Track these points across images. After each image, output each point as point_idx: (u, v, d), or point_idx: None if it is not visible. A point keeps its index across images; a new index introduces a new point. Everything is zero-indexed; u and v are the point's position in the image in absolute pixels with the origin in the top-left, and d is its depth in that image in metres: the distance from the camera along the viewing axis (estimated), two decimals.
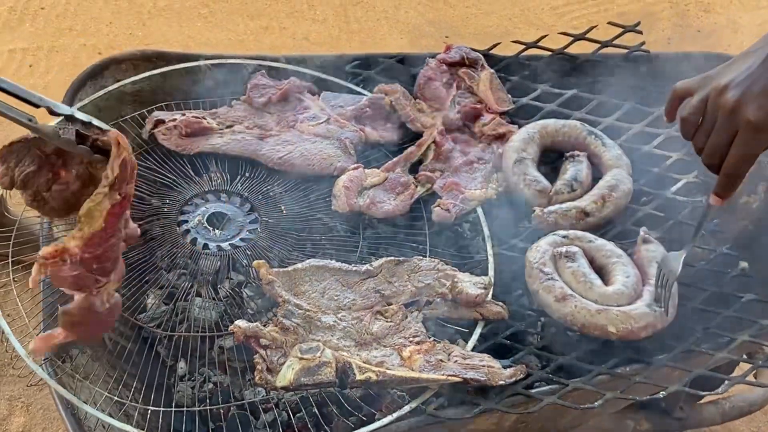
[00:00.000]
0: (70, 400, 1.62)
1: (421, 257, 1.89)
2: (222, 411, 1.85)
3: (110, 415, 1.62)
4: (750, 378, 1.88)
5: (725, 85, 1.43)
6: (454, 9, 4.35)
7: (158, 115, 2.12)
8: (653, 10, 4.28)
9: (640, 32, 2.37)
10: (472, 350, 1.77)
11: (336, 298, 1.80)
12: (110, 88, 2.17)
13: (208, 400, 1.78)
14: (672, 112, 1.57)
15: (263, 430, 1.82)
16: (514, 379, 1.69)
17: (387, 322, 1.77)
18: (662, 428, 2.34)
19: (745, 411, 2.42)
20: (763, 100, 1.38)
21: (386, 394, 1.79)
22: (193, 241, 1.91)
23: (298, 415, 1.78)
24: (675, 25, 4.17)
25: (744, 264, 1.97)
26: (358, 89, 2.28)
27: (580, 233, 1.92)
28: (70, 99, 2.12)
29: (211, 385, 1.89)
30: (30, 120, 1.47)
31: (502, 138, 2.15)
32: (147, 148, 2.09)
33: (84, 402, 1.62)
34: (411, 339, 1.74)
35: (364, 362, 1.66)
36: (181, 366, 1.87)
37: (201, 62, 2.25)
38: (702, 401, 2.45)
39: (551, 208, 1.98)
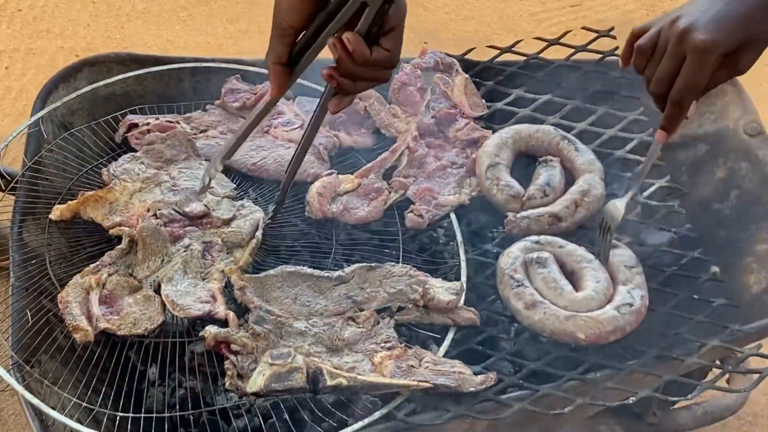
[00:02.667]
0: (38, 406, 1.61)
1: (394, 263, 1.88)
2: (193, 417, 1.85)
3: (79, 421, 1.61)
4: (723, 383, 1.89)
5: (678, 16, 1.49)
6: (433, 14, 4.36)
7: (132, 118, 2.11)
8: (631, 17, 4.30)
9: (614, 37, 2.38)
10: (444, 356, 1.77)
11: (308, 304, 1.80)
12: (83, 90, 2.15)
13: (178, 406, 1.77)
14: (628, 54, 1.61)
15: None
16: (484, 385, 1.69)
17: (358, 327, 1.77)
18: None
19: (717, 416, 2.42)
20: (711, 26, 1.44)
21: (358, 399, 1.78)
22: None
23: (269, 421, 1.77)
24: None
25: (715, 268, 1.98)
26: None
27: (551, 238, 1.93)
28: (43, 101, 2.11)
29: (182, 391, 1.88)
30: None
31: (476, 143, 2.15)
32: (120, 151, 2.08)
33: (52, 408, 1.61)
34: (382, 345, 1.74)
35: (336, 368, 1.66)
36: (153, 371, 1.86)
37: (175, 65, 2.24)
38: (675, 407, 2.46)
39: (524, 213, 1.98)
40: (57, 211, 1.89)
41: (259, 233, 1.90)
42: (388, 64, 1.40)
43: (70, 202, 1.90)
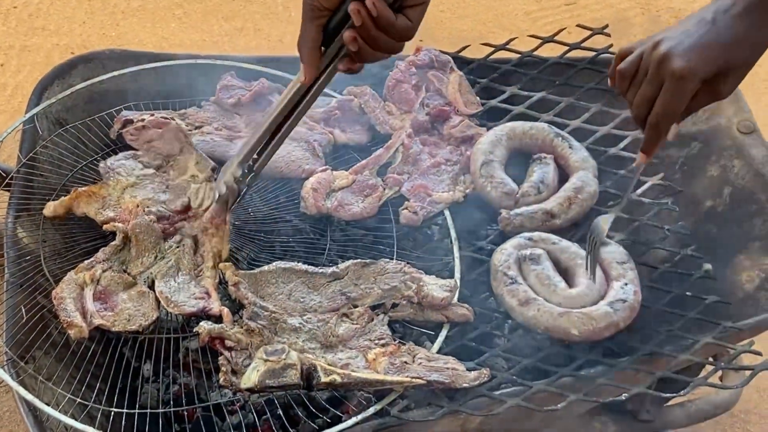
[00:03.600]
0: (32, 402, 1.61)
1: (388, 260, 1.89)
2: (187, 413, 1.85)
3: (73, 417, 1.62)
4: (716, 380, 1.90)
5: (660, 41, 1.49)
6: (428, 12, 4.34)
7: (126, 114, 2.11)
8: (626, 15, 4.30)
9: (608, 35, 2.38)
10: (438, 352, 1.78)
11: (302, 300, 1.80)
12: (78, 87, 2.16)
13: (172, 402, 1.77)
14: (614, 75, 1.62)
15: None
16: (478, 381, 1.70)
17: (353, 324, 1.77)
18: (628, 431, 2.35)
19: (710, 413, 2.43)
20: (690, 53, 1.44)
21: (352, 396, 1.79)
22: None
23: (263, 417, 1.78)
24: (647, 31, 4.19)
25: (708, 266, 1.98)
26: (328, 91, 2.27)
27: (544, 235, 1.94)
28: (37, 98, 2.11)
29: (176, 387, 1.88)
30: None
31: (470, 140, 2.16)
32: (114, 148, 2.08)
33: (46, 404, 1.62)
34: (376, 341, 1.75)
35: (330, 364, 1.67)
36: (147, 368, 1.86)
37: (170, 62, 2.24)
38: (668, 404, 2.46)
39: (517, 210, 1.99)
40: (50, 208, 1.90)
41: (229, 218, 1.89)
42: (407, 34, 1.43)
43: (62, 198, 1.91)
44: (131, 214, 1.87)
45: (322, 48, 1.49)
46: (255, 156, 1.74)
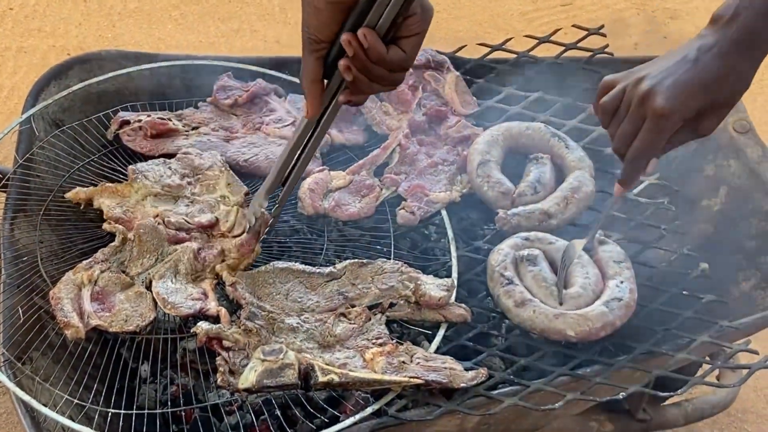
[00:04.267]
0: (29, 403, 1.61)
1: (385, 260, 1.89)
2: (185, 414, 1.85)
3: (70, 418, 1.61)
4: (713, 380, 1.90)
5: (642, 77, 1.49)
6: None
7: (123, 115, 2.11)
8: (622, 16, 4.31)
9: (604, 35, 2.39)
10: (436, 352, 1.78)
11: (299, 300, 1.80)
12: (75, 87, 2.15)
13: (170, 403, 1.77)
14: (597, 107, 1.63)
15: None
16: (475, 381, 1.70)
17: (350, 324, 1.77)
18: (625, 430, 2.35)
19: (707, 413, 2.44)
20: (671, 91, 1.44)
21: (350, 396, 1.79)
22: None
23: (261, 417, 1.78)
24: (642, 32, 4.20)
25: (704, 265, 1.99)
26: None
27: (541, 235, 1.94)
28: (34, 99, 2.11)
29: (174, 388, 1.88)
30: None
31: (467, 140, 2.16)
32: (111, 149, 2.08)
33: (44, 405, 1.61)
34: (374, 341, 1.75)
35: (327, 364, 1.67)
36: (144, 369, 1.86)
37: (167, 63, 2.24)
38: (665, 403, 2.47)
39: (514, 210, 1.99)
40: (74, 193, 1.91)
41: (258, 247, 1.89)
42: (402, 65, 1.39)
43: (89, 187, 1.93)
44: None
45: (325, 81, 1.48)
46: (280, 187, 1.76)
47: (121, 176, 2.02)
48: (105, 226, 1.87)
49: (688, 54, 1.46)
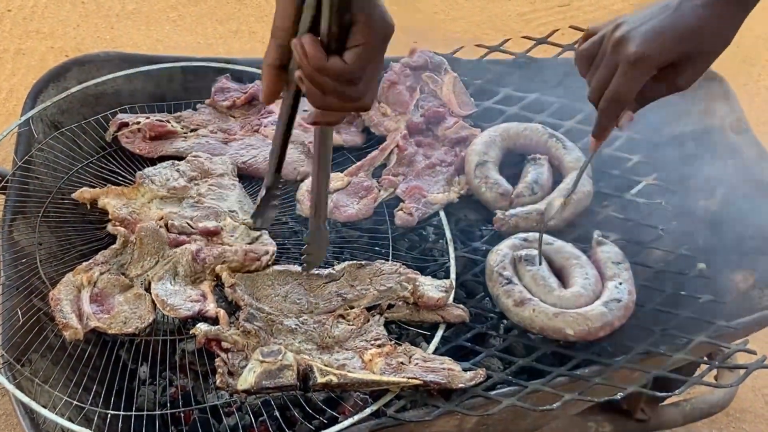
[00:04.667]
0: (29, 404, 1.61)
1: (384, 261, 1.90)
2: (184, 415, 1.85)
3: (70, 420, 1.61)
4: (711, 379, 1.91)
5: (620, 23, 1.45)
6: (422, 14, 4.36)
7: (122, 117, 2.12)
8: None
9: None
10: (434, 353, 1.78)
11: (298, 301, 1.81)
12: (73, 90, 2.16)
13: (169, 405, 1.78)
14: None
15: None
16: (474, 381, 1.70)
17: (349, 325, 1.78)
18: (624, 430, 2.36)
19: (706, 413, 2.44)
20: (646, 37, 1.40)
21: (349, 397, 1.80)
22: None
23: (260, 419, 1.78)
24: None
25: (702, 265, 2.00)
26: None
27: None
28: (32, 101, 2.11)
29: (173, 390, 1.88)
30: None
31: (464, 141, 2.16)
32: (110, 150, 2.09)
33: (43, 406, 1.62)
34: (372, 342, 1.75)
35: (326, 365, 1.67)
36: (143, 370, 1.87)
37: (165, 65, 2.24)
38: (664, 403, 2.47)
39: (512, 211, 1.99)
40: (79, 193, 1.92)
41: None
42: (345, 77, 1.28)
43: (95, 188, 1.94)
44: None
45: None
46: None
47: (120, 178, 2.02)
48: (109, 227, 1.88)
49: (670, 2, 1.42)
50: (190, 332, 1.70)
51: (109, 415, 1.65)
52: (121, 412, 1.66)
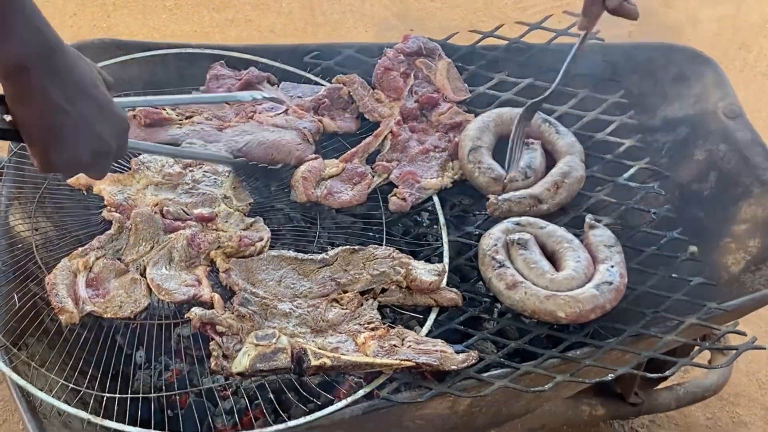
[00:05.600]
0: (25, 387, 1.62)
1: (377, 246, 1.91)
2: (180, 399, 1.86)
3: (66, 403, 1.62)
4: (703, 363, 1.92)
5: None
6: (419, 2, 4.37)
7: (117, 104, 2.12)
8: None
9: None
10: (427, 336, 1.80)
11: (292, 286, 1.82)
12: None
13: (165, 388, 1.79)
14: None
15: (221, 417, 1.84)
16: (466, 363, 1.71)
17: (342, 309, 1.79)
18: (617, 414, 2.38)
19: (699, 396, 2.45)
20: None
21: (344, 381, 1.81)
22: None
23: (255, 402, 1.79)
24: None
25: (693, 248, 2.01)
26: (317, 79, 2.29)
27: (532, 219, 1.96)
28: None
29: (169, 374, 1.90)
30: None
31: (458, 127, 2.17)
32: None
33: (39, 390, 1.63)
34: (366, 325, 1.76)
35: (320, 348, 1.68)
36: (140, 355, 1.88)
37: (160, 51, 2.25)
38: (657, 387, 2.49)
39: (505, 195, 2.00)
40: (75, 179, 1.92)
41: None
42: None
43: None
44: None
45: None
46: None
47: (116, 164, 2.02)
48: (104, 213, 1.89)
49: None
50: (185, 316, 1.71)
51: (105, 398, 1.65)
52: (117, 395, 1.67)
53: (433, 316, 1.84)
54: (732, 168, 2.13)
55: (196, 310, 1.70)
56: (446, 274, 1.87)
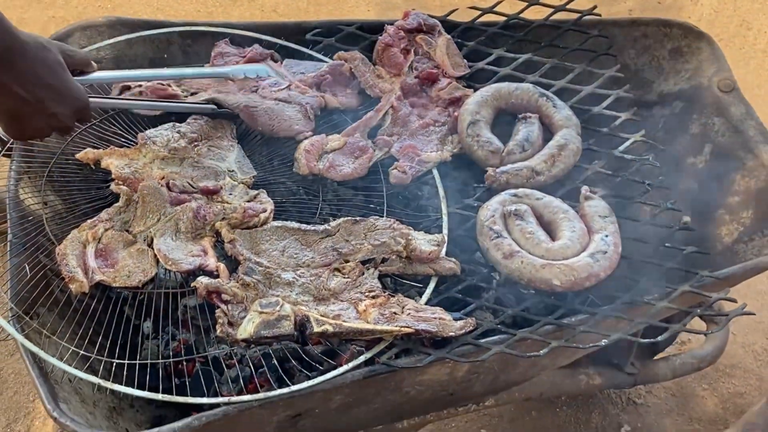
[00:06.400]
0: (37, 353, 1.67)
1: (378, 217, 1.95)
2: (186, 367, 1.91)
3: (76, 369, 1.67)
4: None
5: None
6: None
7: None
8: None
9: None
10: (426, 304, 1.84)
11: (295, 256, 1.86)
12: None
13: (172, 356, 1.83)
14: None
15: (226, 385, 1.88)
16: (464, 330, 1.76)
17: (344, 278, 1.83)
18: (614, 383, 2.42)
19: (694, 367, 2.50)
20: None
21: (346, 349, 1.85)
22: None
23: (260, 370, 1.84)
24: None
25: (686, 218, 2.04)
26: (319, 56, 2.32)
27: (528, 191, 1.99)
28: None
29: (176, 344, 1.94)
30: None
31: (457, 102, 2.21)
32: (113, 113, 2.13)
33: (51, 356, 1.67)
34: (367, 294, 1.81)
35: (322, 315, 1.73)
36: (147, 325, 1.92)
37: (165, 29, 2.28)
38: (654, 358, 2.53)
39: (503, 168, 2.04)
40: (83, 153, 1.97)
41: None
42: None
43: (99, 149, 1.98)
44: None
45: None
46: None
47: (123, 139, 2.07)
48: (112, 186, 1.93)
49: None
50: (191, 285, 1.75)
51: (114, 365, 1.70)
52: (126, 361, 1.72)
53: (432, 285, 1.88)
54: (726, 141, 2.17)
55: (202, 279, 1.75)
56: (445, 244, 1.91)
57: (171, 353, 1.90)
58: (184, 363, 1.91)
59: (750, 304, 1.93)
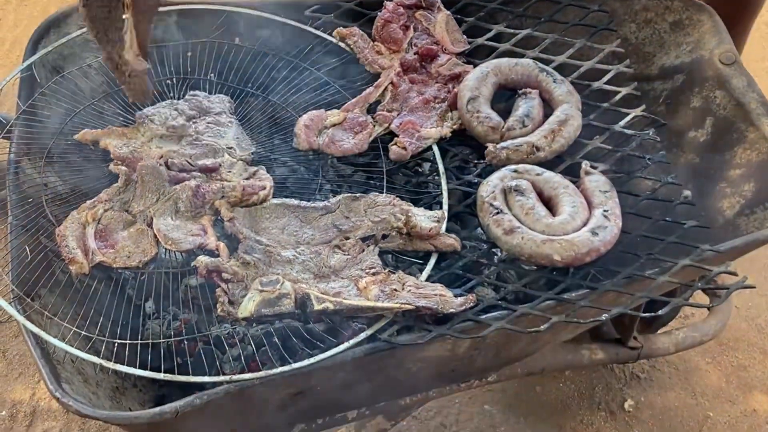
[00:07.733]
0: (39, 334, 1.68)
1: (378, 193, 1.94)
2: (189, 347, 1.92)
3: (78, 349, 1.68)
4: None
5: None
6: None
7: None
8: None
9: None
10: (427, 281, 1.84)
11: (295, 233, 1.86)
12: (74, 34, 2.20)
13: (174, 335, 1.83)
14: None
15: (228, 364, 1.89)
16: (464, 306, 1.75)
17: (344, 255, 1.83)
18: (617, 358, 2.42)
19: (697, 341, 2.50)
20: None
21: (348, 327, 1.85)
22: None
23: (262, 349, 1.84)
24: None
25: (687, 192, 2.03)
26: (318, 33, 2.31)
27: (528, 167, 1.98)
28: (34, 46, 2.15)
29: (178, 323, 1.95)
30: None
31: (457, 78, 2.20)
32: (111, 92, 2.13)
33: (53, 337, 1.68)
34: (367, 270, 1.80)
35: (322, 293, 1.73)
36: (149, 305, 1.93)
37: (163, 8, 2.27)
38: (657, 332, 2.53)
39: (503, 143, 2.03)
40: (81, 134, 1.97)
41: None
42: None
43: (96, 129, 1.98)
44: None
45: None
46: None
47: (121, 119, 2.06)
48: (111, 166, 1.93)
49: None
50: (192, 264, 1.75)
51: (116, 345, 1.71)
52: (127, 341, 1.72)
53: (432, 261, 1.88)
54: (727, 114, 2.15)
55: (202, 258, 1.75)
56: (445, 220, 1.91)
57: (173, 333, 1.90)
58: (186, 342, 1.92)
59: (753, 279, 1.92)
